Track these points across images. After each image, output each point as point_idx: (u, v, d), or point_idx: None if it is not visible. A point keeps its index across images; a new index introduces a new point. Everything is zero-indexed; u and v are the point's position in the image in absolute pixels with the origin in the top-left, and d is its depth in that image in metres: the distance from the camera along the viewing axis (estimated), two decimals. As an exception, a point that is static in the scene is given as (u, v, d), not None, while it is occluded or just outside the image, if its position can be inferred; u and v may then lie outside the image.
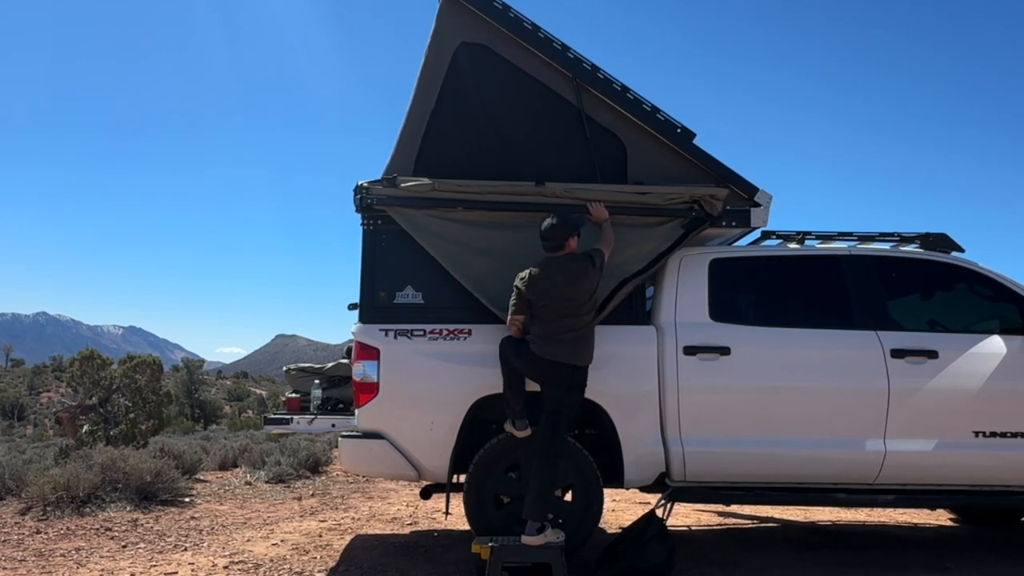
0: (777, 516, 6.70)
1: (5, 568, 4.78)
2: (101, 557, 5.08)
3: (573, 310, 4.33)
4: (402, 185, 4.73)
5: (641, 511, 6.05)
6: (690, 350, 4.67)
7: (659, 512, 4.68)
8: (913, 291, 5.12)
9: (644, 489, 4.90)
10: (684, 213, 4.79)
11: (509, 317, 4.45)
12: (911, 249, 5.19)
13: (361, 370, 4.66)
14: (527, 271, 4.41)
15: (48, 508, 6.45)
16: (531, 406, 4.49)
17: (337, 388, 5.86)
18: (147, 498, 6.98)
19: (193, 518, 6.50)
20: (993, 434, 4.61)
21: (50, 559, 5.02)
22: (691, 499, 4.93)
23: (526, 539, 4.14)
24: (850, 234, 5.23)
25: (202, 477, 9.32)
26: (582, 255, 4.42)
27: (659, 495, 4.78)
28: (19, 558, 5.03)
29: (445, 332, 4.68)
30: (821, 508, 6.80)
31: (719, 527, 6.28)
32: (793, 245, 5.24)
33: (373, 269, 4.81)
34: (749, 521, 6.52)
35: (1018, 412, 4.64)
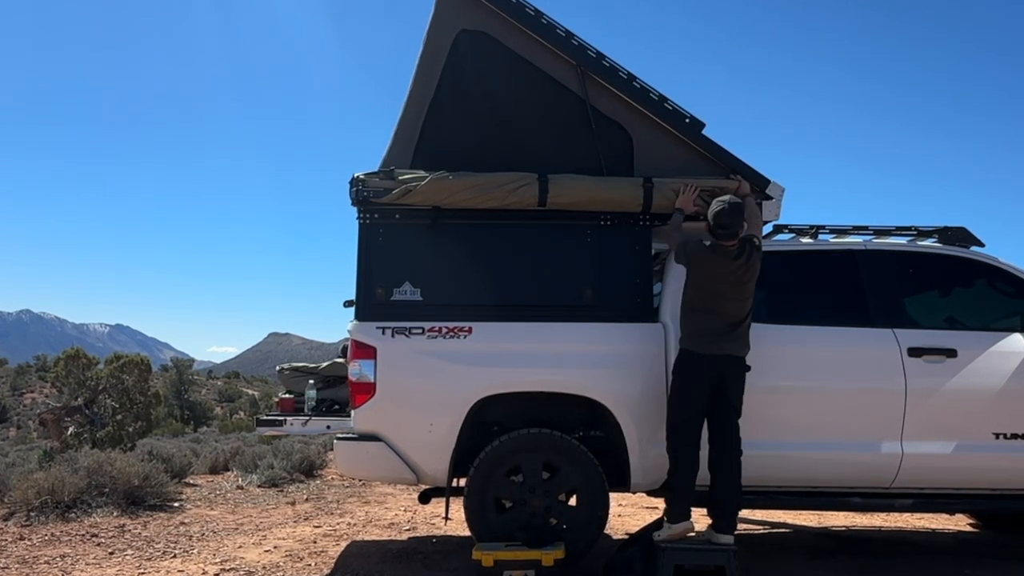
0: (789, 521, 6.59)
1: (-13, 576, 4.67)
2: (87, 564, 4.97)
3: (745, 302, 4.29)
4: (400, 178, 4.60)
5: (649, 516, 5.94)
6: None
7: (668, 517, 4.53)
8: (931, 287, 5.02)
9: (652, 493, 4.80)
10: None
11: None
12: (929, 244, 5.09)
13: (357, 370, 4.54)
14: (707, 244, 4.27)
15: (32, 513, 6.31)
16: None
17: (332, 388, 5.78)
18: (135, 503, 6.84)
19: (183, 524, 6.36)
20: (1014, 436, 4.52)
21: (34, 566, 4.90)
22: (700, 503, 4.79)
23: (722, 537, 4.17)
24: (866, 228, 5.11)
25: (192, 481, 9.16)
26: (749, 242, 4.28)
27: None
28: (2, 565, 4.91)
29: (445, 330, 4.55)
30: (835, 513, 6.70)
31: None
32: (806, 240, 5.12)
33: (370, 265, 4.68)
34: (760, 526, 6.40)
35: None
